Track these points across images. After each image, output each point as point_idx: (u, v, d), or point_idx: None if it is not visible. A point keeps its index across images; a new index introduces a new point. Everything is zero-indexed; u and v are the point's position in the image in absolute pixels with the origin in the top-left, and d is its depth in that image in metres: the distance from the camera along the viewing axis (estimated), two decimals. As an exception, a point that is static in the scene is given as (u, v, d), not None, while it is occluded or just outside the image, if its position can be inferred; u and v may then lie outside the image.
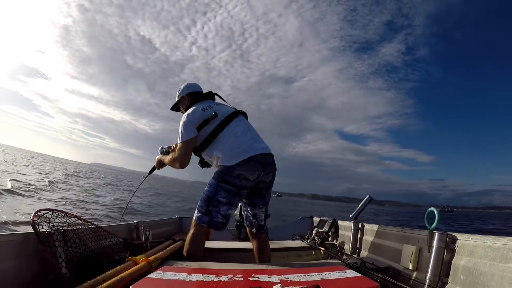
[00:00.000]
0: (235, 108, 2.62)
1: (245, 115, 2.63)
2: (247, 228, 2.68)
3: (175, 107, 2.79)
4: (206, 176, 2.79)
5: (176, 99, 2.72)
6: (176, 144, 2.55)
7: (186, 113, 2.44)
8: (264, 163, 2.33)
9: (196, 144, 2.44)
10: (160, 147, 2.80)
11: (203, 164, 2.61)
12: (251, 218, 2.58)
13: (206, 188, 2.35)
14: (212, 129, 2.37)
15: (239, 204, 2.57)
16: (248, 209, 2.58)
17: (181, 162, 2.41)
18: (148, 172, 2.98)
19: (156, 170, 2.86)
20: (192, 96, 2.66)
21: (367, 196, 3.04)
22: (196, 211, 2.34)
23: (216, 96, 2.74)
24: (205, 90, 2.72)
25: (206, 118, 2.38)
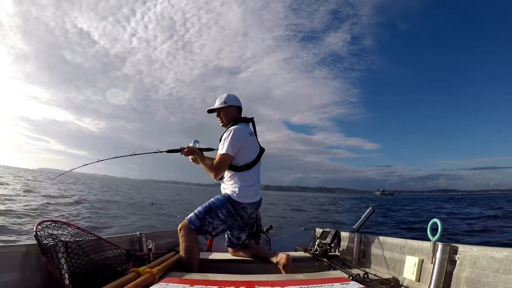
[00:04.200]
0: (259, 142, 2.81)
1: (263, 151, 2.81)
2: (229, 250, 3.02)
3: (213, 110, 2.82)
4: (156, 174, 2.85)
5: (221, 104, 2.76)
6: (211, 149, 2.90)
7: (237, 129, 2.60)
8: (258, 205, 2.72)
9: (232, 164, 2.62)
10: (194, 140, 2.90)
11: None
12: (234, 240, 2.90)
13: (212, 199, 2.57)
14: (251, 160, 2.65)
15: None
16: (234, 233, 2.86)
17: (217, 173, 2.62)
18: (169, 149, 2.90)
19: (180, 154, 2.83)
20: (240, 113, 2.85)
21: (370, 207, 3.04)
22: (193, 213, 2.53)
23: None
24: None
25: (249, 145, 2.64)
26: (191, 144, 2.86)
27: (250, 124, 2.86)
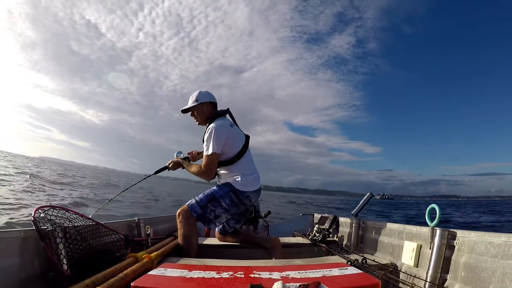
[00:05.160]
0: (241, 130, 2.81)
1: (248, 138, 2.81)
2: (217, 235, 3.06)
3: (187, 110, 2.78)
4: (156, 168, 3.02)
5: (193, 102, 2.70)
6: (196, 152, 2.93)
7: (217, 125, 2.54)
8: (259, 193, 2.76)
9: (222, 159, 2.60)
10: (177, 151, 2.99)
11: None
12: (228, 229, 2.93)
13: (215, 187, 2.59)
14: (239, 149, 2.62)
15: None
16: (230, 223, 2.87)
17: (209, 175, 2.58)
18: (156, 170, 3.03)
19: (168, 170, 2.94)
20: (214, 108, 2.77)
21: (368, 193, 3.04)
22: (193, 200, 2.54)
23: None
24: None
25: (234, 136, 2.62)
26: (175, 157, 2.95)
27: (228, 115, 2.82)
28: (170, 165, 2.87)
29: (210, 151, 2.48)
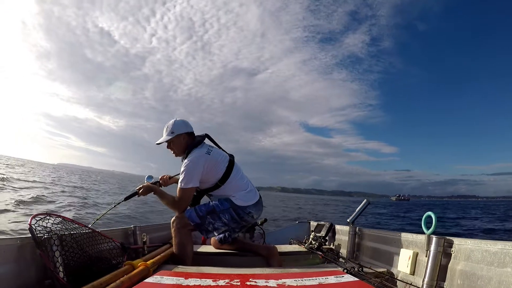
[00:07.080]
0: (224, 151, 2.73)
1: (233, 157, 2.70)
2: (213, 243, 3.02)
3: (164, 141, 2.60)
4: (174, 172, 2.92)
5: (168, 135, 2.55)
6: (168, 176, 2.89)
7: (191, 159, 2.44)
8: (261, 205, 2.68)
9: (205, 187, 2.56)
10: (147, 176, 2.90)
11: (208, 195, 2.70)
12: (228, 238, 2.90)
13: (216, 202, 2.51)
14: (222, 173, 2.51)
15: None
16: (232, 234, 2.85)
17: (181, 208, 2.48)
18: (125, 197, 2.81)
19: (138, 196, 2.72)
20: (191, 137, 2.61)
21: (365, 200, 3.04)
22: (191, 209, 2.48)
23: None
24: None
25: (213, 162, 2.50)
26: (145, 182, 2.80)
27: (206, 139, 2.69)
28: (140, 190, 2.65)
29: (184, 185, 2.40)
